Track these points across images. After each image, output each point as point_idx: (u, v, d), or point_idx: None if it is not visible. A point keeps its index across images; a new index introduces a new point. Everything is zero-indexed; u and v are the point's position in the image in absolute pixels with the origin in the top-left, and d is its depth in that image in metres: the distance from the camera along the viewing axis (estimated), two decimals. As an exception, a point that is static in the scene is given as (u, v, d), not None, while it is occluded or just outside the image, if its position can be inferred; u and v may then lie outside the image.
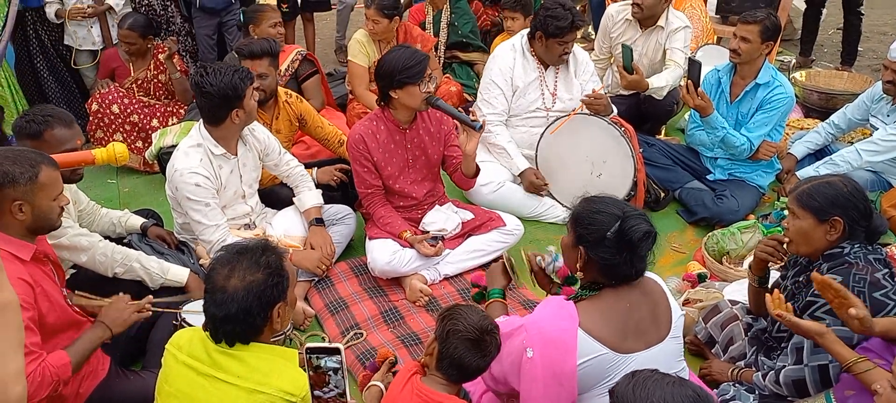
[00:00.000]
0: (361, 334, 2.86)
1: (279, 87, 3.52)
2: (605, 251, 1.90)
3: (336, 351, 1.81)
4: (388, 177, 3.15)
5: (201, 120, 2.90)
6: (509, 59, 3.71)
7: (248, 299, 1.71)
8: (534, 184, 3.69)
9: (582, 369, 1.86)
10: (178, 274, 2.75)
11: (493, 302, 2.36)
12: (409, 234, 3.11)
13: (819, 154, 3.92)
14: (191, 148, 2.88)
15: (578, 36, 5.71)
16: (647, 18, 4.15)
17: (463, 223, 3.27)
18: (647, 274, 2.02)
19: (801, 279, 2.26)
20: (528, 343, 1.90)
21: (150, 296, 2.38)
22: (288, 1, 5.50)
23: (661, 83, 4.03)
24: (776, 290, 2.14)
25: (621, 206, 1.95)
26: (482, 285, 2.58)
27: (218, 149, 2.89)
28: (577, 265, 1.97)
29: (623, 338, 1.89)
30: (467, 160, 3.09)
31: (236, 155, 2.97)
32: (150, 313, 2.33)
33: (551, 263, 2.41)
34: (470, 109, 3.17)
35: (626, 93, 4.14)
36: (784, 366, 2.17)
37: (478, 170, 3.21)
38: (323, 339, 2.88)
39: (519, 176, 3.73)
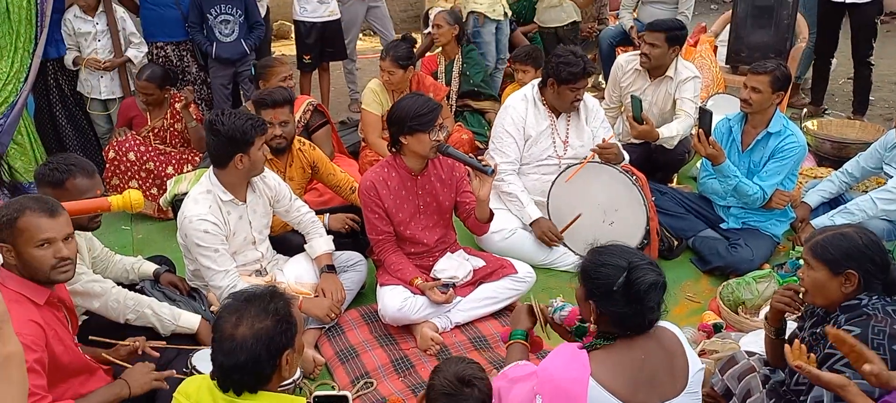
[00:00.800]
0: (371, 383, 2.83)
1: (294, 135, 3.56)
2: (613, 304, 1.87)
3: (344, 399, 1.78)
4: (400, 223, 3.15)
5: (212, 165, 2.94)
6: (521, 108, 3.74)
7: (256, 347, 1.70)
8: (546, 234, 3.66)
9: None
10: (189, 320, 2.75)
11: (515, 343, 2.31)
12: (421, 281, 3.09)
13: (833, 203, 3.89)
14: (200, 194, 2.91)
15: (589, 84, 5.77)
16: (655, 68, 4.19)
17: (474, 270, 3.25)
18: (666, 324, 1.98)
19: (818, 330, 2.21)
20: (539, 390, 1.87)
21: (172, 371, 2.37)
22: (310, 53, 5.62)
23: (671, 133, 4.04)
24: (797, 341, 2.09)
25: (627, 257, 1.91)
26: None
27: (226, 196, 2.92)
28: (592, 318, 1.95)
29: (635, 391, 1.85)
30: (481, 205, 3.09)
31: (245, 202, 2.99)
32: (167, 387, 2.31)
33: (556, 312, 2.39)
34: (480, 157, 3.18)
35: (636, 141, 4.15)
36: (804, 421, 2.12)
37: (492, 215, 3.21)
38: (333, 388, 2.85)
39: (531, 225, 3.71)
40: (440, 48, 5.24)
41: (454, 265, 3.22)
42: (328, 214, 3.56)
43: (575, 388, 1.82)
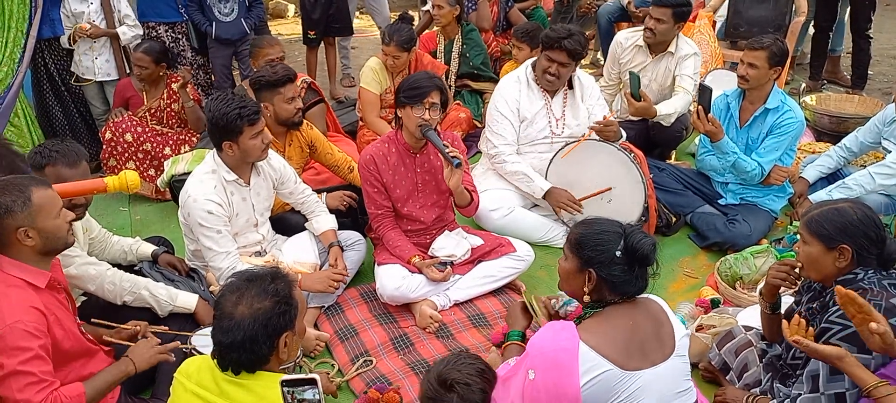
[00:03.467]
0: (371, 361, 2.85)
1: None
2: (616, 269, 1.92)
3: (313, 382, 1.69)
4: (397, 200, 3.15)
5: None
6: (514, 90, 3.71)
7: (254, 327, 1.70)
8: (563, 203, 3.56)
9: (587, 389, 1.83)
10: (186, 301, 2.76)
11: (511, 344, 2.34)
12: (418, 259, 3.10)
13: (831, 178, 3.89)
14: (205, 174, 2.90)
15: (588, 62, 5.73)
16: (657, 44, 4.16)
17: (473, 249, 3.25)
18: (650, 295, 2.03)
19: (814, 305, 2.22)
20: (530, 364, 1.89)
21: (177, 342, 2.39)
22: (315, 28, 5.59)
23: (668, 110, 4.03)
24: (796, 315, 2.11)
25: (618, 224, 1.99)
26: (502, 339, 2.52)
27: (231, 176, 2.91)
28: (586, 288, 1.97)
29: (628, 356, 1.88)
30: (455, 194, 3.08)
31: (249, 184, 2.99)
32: (173, 359, 2.32)
33: (563, 306, 2.41)
34: (450, 151, 3.05)
35: (634, 119, 4.13)
36: (800, 394, 2.13)
37: (471, 200, 3.17)
38: (333, 366, 2.86)
39: (544, 197, 3.61)
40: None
41: (452, 243, 3.23)
42: (325, 193, 3.56)
43: (565, 357, 1.84)
